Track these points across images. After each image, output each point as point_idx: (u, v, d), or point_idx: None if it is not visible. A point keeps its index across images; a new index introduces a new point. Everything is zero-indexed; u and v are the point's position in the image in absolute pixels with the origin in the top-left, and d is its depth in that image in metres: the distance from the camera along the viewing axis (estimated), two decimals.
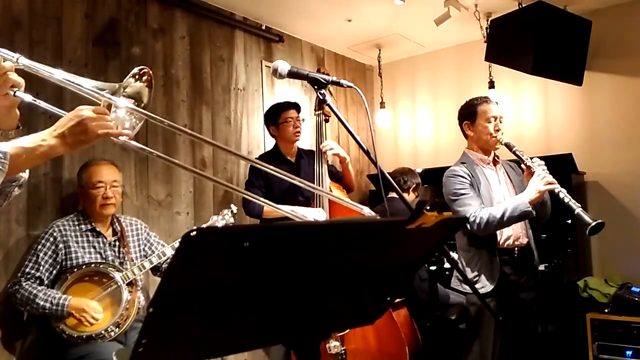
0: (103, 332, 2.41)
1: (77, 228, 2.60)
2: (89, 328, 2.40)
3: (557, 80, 3.83)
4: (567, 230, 3.52)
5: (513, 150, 2.57)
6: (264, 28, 4.11)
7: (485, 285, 2.51)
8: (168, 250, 2.70)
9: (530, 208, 2.41)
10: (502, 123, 2.70)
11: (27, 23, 2.78)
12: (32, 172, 1.54)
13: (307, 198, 3.09)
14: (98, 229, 2.64)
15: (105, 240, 2.65)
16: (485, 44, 3.81)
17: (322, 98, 1.69)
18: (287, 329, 1.07)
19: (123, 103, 1.41)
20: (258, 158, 3.15)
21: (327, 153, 3.13)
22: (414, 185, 3.81)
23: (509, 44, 3.63)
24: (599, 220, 2.26)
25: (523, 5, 3.65)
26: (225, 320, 0.96)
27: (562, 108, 4.21)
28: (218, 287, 0.89)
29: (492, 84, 4.26)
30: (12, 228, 2.66)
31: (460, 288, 2.72)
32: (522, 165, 2.59)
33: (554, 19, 3.53)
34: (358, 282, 1.10)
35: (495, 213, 2.44)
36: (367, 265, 1.08)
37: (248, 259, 0.87)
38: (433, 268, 3.68)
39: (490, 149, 2.72)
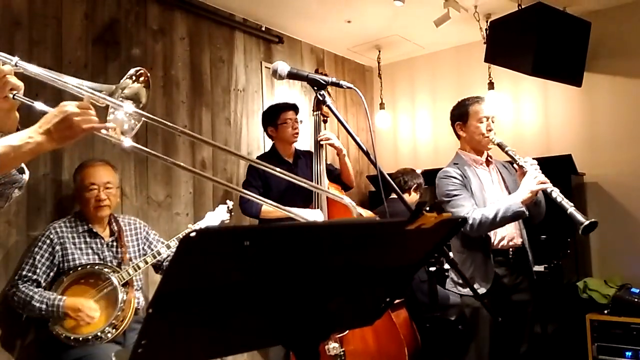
0: (99, 333, 2.39)
1: (74, 229, 2.59)
2: (86, 330, 2.39)
3: (556, 82, 3.84)
4: (566, 231, 3.51)
5: (505, 150, 2.55)
6: (264, 29, 4.11)
7: (480, 287, 2.48)
8: (163, 250, 2.68)
9: (523, 208, 2.39)
10: (494, 123, 2.67)
11: (26, 23, 2.78)
12: (31, 172, 1.54)
13: (305, 199, 3.09)
14: (95, 230, 2.63)
15: (103, 241, 2.64)
16: (485, 45, 3.81)
17: (321, 99, 1.69)
18: (286, 330, 1.07)
19: (130, 108, 1.41)
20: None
21: (324, 143, 3.14)
22: (415, 185, 3.80)
23: (509, 45, 3.63)
24: (592, 219, 2.24)
25: (523, 7, 3.65)
26: (225, 321, 0.96)
27: (561, 109, 4.21)
28: (217, 287, 0.89)
29: (491, 85, 4.26)
30: (11, 228, 2.65)
31: (455, 290, 2.69)
32: (514, 165, 2.57)
33: (554, 20, 3.54)
34: (357, 283, 1.10)
35: (488, 214, 2.42)
36: (366, 266, 1.08)
37: (247, 260, 0.87)
38: (432, 269, 3.67)
39: (483, 149, 2.69)
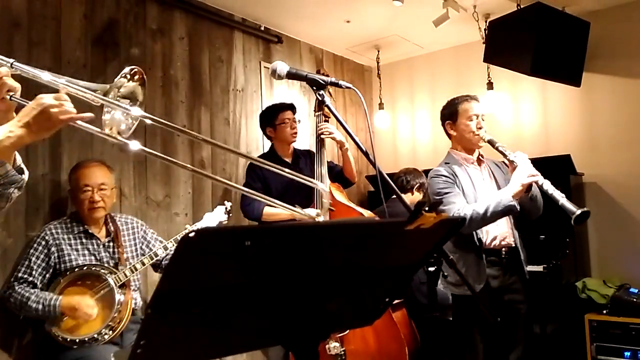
0: (96, 335, 2.38)
1: (69, 230, 2.57)
2: (82, 331, 2.38)
3: (555, 82, 3.84)
4: (565, 231, 3.52)
5: (496, 147, 2.54)
6: (263, 29, 4.11)
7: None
8: (160, 251, 2.65)
9: (514, 202, 2.37)
10: (484, 121, 2.67)
11: (26, 24, 2.78)
12: (30, 172, 1.53)
13: (306, 199, 3.08)
14: (91, 231, 2.60)
15: (99, 242, 2.61)
16: (484, 45, 3.81)
17: (321, 99, 1.69)
18: (286, 330, 1.07)
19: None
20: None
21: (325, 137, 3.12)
22: (418, 185, 3.76)
23: (508, 45, 3.63)
24: (585, 209, 2.22)
25: (521, 7, 3.65)
26: (224, 321, 0.96)
27: (560, 109, 4.22)
28: (217, 288, 0.89)
29: (490, 85, 4.26)
30: (10, 228, 2.65)
31: (448, 290, 2.68)
32: (505, 161, 2.56)
33: (553, 20, 3.54)
34: (357, 283, 1.10)
35: (479, 209, 2.41)
36: (366, 266, 1.08)
37: (246, 260, 0.87)
38: (432, 269, 3.66)
39: (474, 148, 2.69)
